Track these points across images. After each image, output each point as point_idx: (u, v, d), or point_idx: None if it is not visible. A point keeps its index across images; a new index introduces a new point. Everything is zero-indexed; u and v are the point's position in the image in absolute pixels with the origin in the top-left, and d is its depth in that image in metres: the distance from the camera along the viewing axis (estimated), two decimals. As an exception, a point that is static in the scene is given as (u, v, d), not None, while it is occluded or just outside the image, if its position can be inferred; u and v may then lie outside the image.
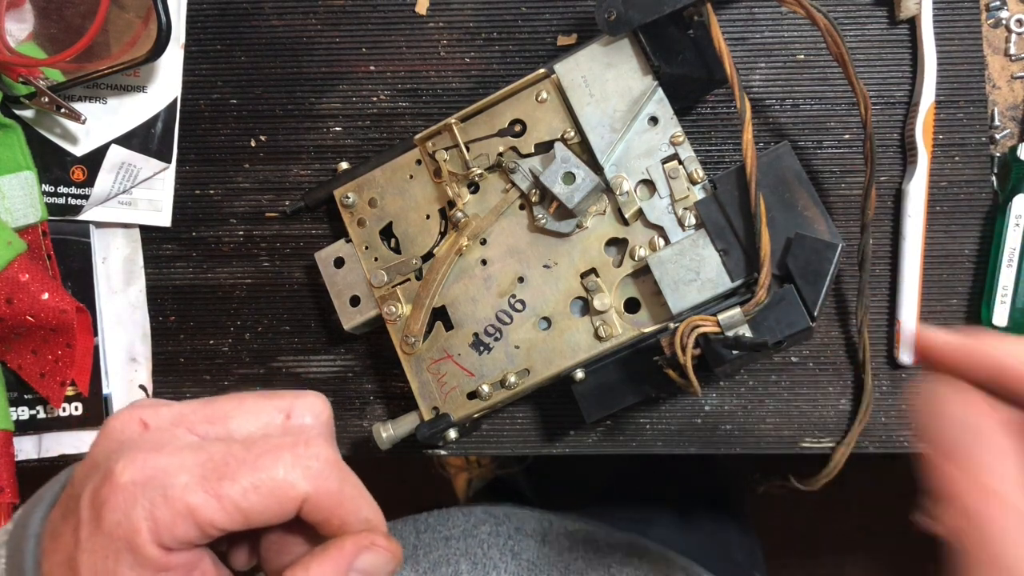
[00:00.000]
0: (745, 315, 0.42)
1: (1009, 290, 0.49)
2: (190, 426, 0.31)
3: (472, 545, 0.54)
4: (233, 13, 0.54)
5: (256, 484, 0.29)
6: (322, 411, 0.33)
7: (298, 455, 0.29)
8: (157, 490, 0.28)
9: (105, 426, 0.31)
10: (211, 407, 0.32)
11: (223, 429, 0.31)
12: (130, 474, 0.29)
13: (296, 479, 0.29)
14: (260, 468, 0.29)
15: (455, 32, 0.53)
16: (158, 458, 0.29)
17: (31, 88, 0.50)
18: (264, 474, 0.29)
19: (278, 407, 0.32)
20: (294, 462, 0.29)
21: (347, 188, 0.50)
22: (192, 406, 0.32)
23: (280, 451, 0.29)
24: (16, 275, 0.49)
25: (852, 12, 0.51)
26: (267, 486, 0.29)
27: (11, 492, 0.51)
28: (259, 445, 0.30)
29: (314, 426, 0.32)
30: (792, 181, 0.44)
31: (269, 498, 0.29)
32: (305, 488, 0.29)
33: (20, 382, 0.52)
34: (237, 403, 0.32)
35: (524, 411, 0.53)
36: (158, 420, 0.31)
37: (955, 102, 0.51)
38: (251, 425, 0.31)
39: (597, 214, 0.47)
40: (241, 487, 0.28)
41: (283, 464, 0.29)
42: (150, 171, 0.53)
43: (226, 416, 0.31)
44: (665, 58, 0.45)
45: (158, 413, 0.31)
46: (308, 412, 0.32)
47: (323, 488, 0.30)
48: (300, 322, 0.54)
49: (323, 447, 0.30)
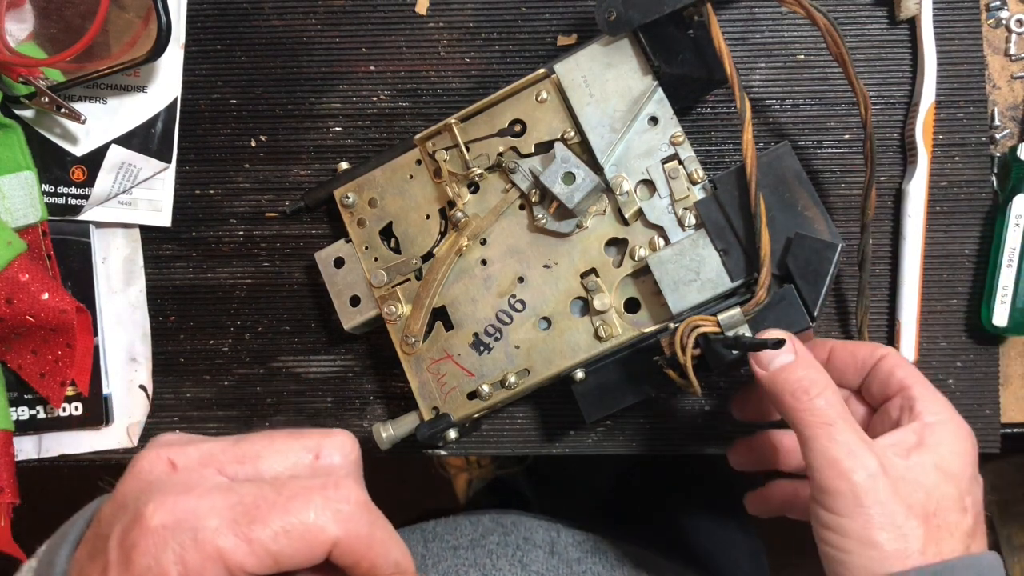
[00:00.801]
0: (745, 315, 0.42)
1: (1009, 290, 0.49)
2: (219, 466, 0.31)
3: (481, 555, 0.54)
4: (233, 13, 0.54)
5: (287, 528, 0.28)
6: (351, 450, 0.32)
7: (328, 498, 0.29)
8: (187, 533, 0.28)
9: (133, 465, 0.31)
10: (240, 447, 0.31)
11: (252, 469, 0.31)
12: (160, 517, 0.28)
13: (326, 522, 0.29)
14: (290, 511, 0.29)
15: (455, 32, 0.53)
16: (188, 500, 0.29)
17: (31, 88, 0.50)
18: (294, 518, 0.29)
19: (307, 447, 0.32)
20: (324, 505, 0.29)
21: (347, 188, 0.50)
22: (221, 445, 0.32)
23: (310, 493, 0.29)
24: (16, 275, 0.49)
25: (852, 12, 0.51)
26: (297, 530, 0.28)
27: (11, 492, 0.51)
28: (289, 487, 0.29)
29: (343, 466, 0.32)
30: (792, 181, 0.44)
31: (299, 542, 0.29)
32: (335, 532, 0.29)
33: (20, 382, 0.52)
34: (267, 442, 0.32)
35: (524, 411, 0.53)
36: (187, 460, 0.31)
37: (955, 102, 0.51)
38: (280, 465, 0.31)
39: (597, 214, 0.47)
40: (272, 531, 0.28)
41: (313, 507, 0.29)
42: (150, 171, 0.53)
43: (256, 456, 0.31)
44: (665, 58, 0.45)
45: (186, 452, 0.31)
46: (337, 452, 0.32)
47: (353, 531, 0.29)
48: (300, 322, 0.54)
49: (353, 489, 0.30)
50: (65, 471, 0.55)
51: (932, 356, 0.51)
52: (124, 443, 0.54)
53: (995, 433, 0.51)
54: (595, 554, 0.56)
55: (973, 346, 0.51)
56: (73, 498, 0.40)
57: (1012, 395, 0.51)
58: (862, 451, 0.38)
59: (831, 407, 0.39)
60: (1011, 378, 0.51)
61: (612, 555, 0.56)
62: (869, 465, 0.37)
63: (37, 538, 0.36)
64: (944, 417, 0.40)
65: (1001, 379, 0.51)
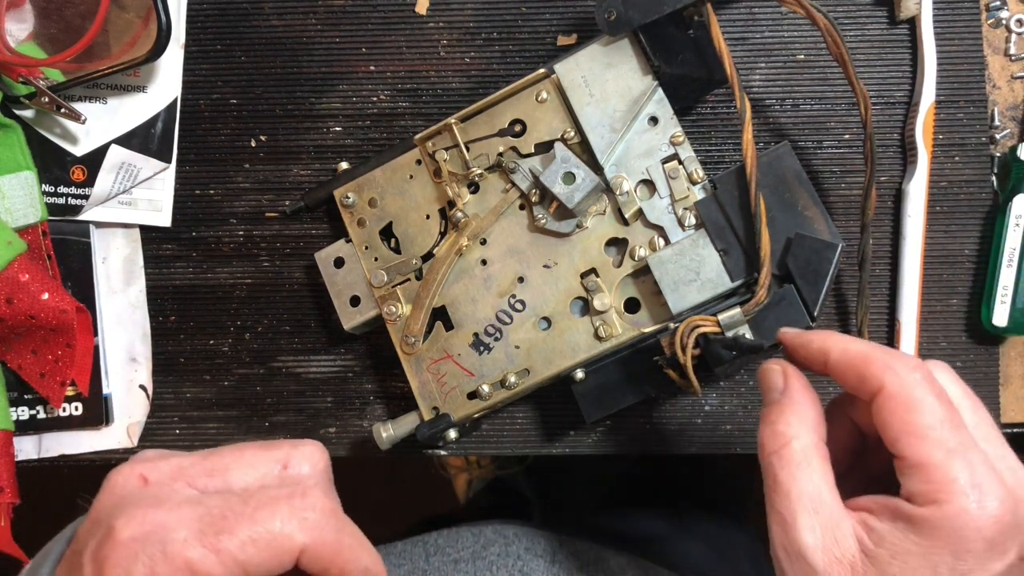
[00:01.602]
0: (745, 315, 0.42)
1: (1009, 290, 0.49)
2: (190, 480, 0.32)
3: (481, 568, 0.54)
4: (233, 13, 0.54)
5: (254, 537, 0.29)
6: (319, 460, 0.33)
7: (294, 506, 0.30)
8: (156, 546, 0.29)
9: (107, 481, 0.32)
10: (210, 460, 0.32)
11: (222, 482, 0.32)
12: (130, 531, 0.29)
13: (293, 531, 0.30)
14: (257, 521, 0.29)
15: (455, 32, 0.53)
16: (157, 513, 0.29)
17: (31, 88, 0.50)
18: (261, 527, 0.29)
19: (275, 458, 0.33)
20: (290, 513, 0.30)
21: (347, 188, 0.50)
22: (192, 459, 0.32)
23: (277, 503, 0.30)
24: (16, 275, 0.49)
25: (852, 12, 0.51)
26: (264, 539, 0.29)
27: (11, 492, 0.51)
28: (256, 497, 0.30)
29: (311, 475, 0.33)
30: (792, 181, 0.44)
31: (267, 551, 0.29)
32: (302, 539, 0.30)
33: (20, 382, 0.52)
34: (236, 455, 0.33)
35: (524, 411, 0.53)
36: (158, 474, 0.32)
37: (955, 102, 0.51)
38: (249, 477, 0.32)
39: (597, 214, 0.47)
40: (239, 540, 0.29)
41: (279, 516, 0.30)
42: (150, 171, 0.53)
43: (226, 468, 0.32)
44: (665, 58, 0.45)
45: (158, 467, 0.32)
46: (305, 461, 0.33)
47: (320, 539, 0.30)
48: (300, 322, 0.54)
49: (319, 498, 0.31)
50: (65, 471, 0.55)
51: (932, 356, 0.51)
52: (124, 443, 0.54)
53: (995, 433, 0.51)
54: (596, 563, 0.56)
55: (973, 346, 0.51)
56: (73, 498, 0.40)
57: (1012, 395, 0.51)
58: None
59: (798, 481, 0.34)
60: (1011, 378, 0.51)
61: (613, 564, 0.56)
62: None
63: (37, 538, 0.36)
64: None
65: (1001, 379, 0.51)
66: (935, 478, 0.31)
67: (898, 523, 0.32)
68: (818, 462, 0.34)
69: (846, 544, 0.32)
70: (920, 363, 0.34)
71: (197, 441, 0.54)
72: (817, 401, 0.36)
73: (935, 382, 0.34)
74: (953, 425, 0.32)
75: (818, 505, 0.33)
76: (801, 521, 0.33)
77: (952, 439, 0.32)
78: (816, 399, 0.36)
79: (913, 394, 0.33)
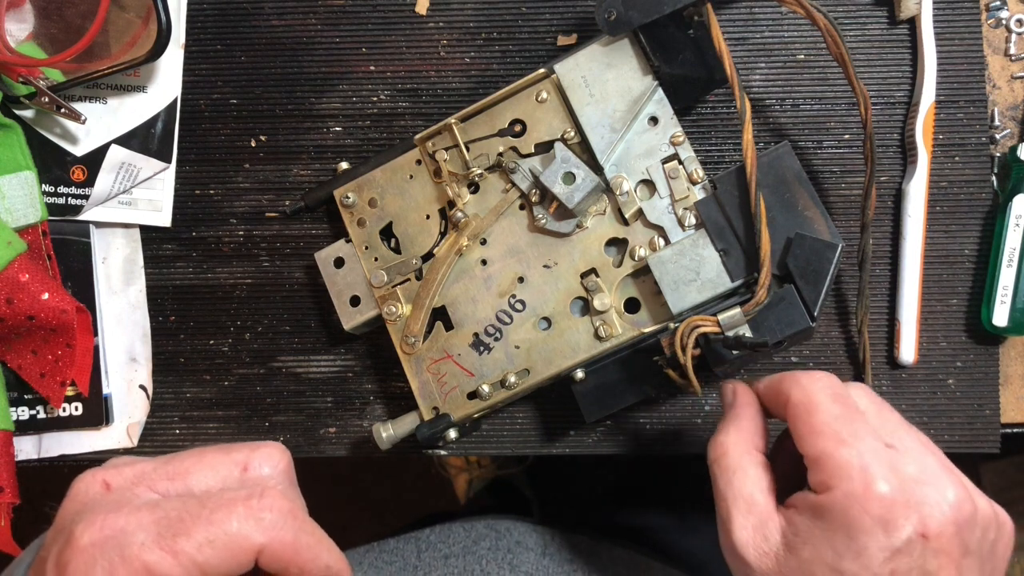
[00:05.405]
0: (745, 315, 0.42)
1: (1009, 290, 0.49)
2: (150, 484, 0.32)
3: (471, 562, 0.54)
4: (233, 13, 0.54)
5: (211, 539, 0.30)
6: (279, 461, 0.34)
7: (251, 507, 0.30)
8: (115, 550, 0.29)
9: (71, 489, 0.33)
10: (171, 464, 0.33)
11: (183, 485, 0.32)
12: (89, 536, 0.30)
13: (250, 531, 0.30)
14: (214, 523, 0.30)
15: (455, 32, 0.53)
16: (116, 518, 0.30)
17: (31, 88, 0.50)
18: (218, 528, 0.30)
19: (235, 460, 0.33)
20: (247, 514, 0.30)
21: (347, 188, 0.50)
22: (154, 464, 0.33)
23: (234, 505, 0.30)
24: (16, 275, 0.49)
25: (852, 12, 0.51)
26: (221, 540, 0.30)
27: (11, 492, 0.51)
28: (214, 500, 0.31)
29: (271, 476, 0.33)
30: (792, 181, 0.44)
31: (224, 552, 0.30)
32: (260, 540, 0.30)
33: (20, 382, 0.52)
34: (196, 459, 0.33)
35: (524, 411, 0.53)
36: (120, 480, 0.32)
37: (955, 102, 0.51)
38: (210, 480, 0.33)
39: (597, 214, 0.47)
40: (196, 542, 0.29)
41: (236, 517, 0.30)
42: (150, 171, 0.53)
43: (186, 472, 0.33)
44: (665, 58, 0.45)
45: (120, 473, 0.32)
46: (266, 463, 0.33)
47: (277, 539, 0.30)
48: (300, 322, 0.54)
49: (277, 498, 0.31)
50: (65, 471, 0.55)
51: (932, 356, 0.51)
52: (124, 443, 0.54)
53: (995, 433, 0.51)
54: (588, 556, 0.56)
55: (973, 346, 0.51)
56: (73, 498, 0.40)
57: (1012, 395, 0.51)
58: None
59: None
60: (1011, 378, 0.51)
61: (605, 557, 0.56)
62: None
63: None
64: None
65: (1001, 379, 0.51)
66: (828, 467, 0.35)
67: (807, 513, 0.36)
68: (753, 468, 0.38)
69: (773, 539, 0.36)
70: (826, 375, 0.38)
71: (197, 441, 0.54)
72: (759, 415, 0.40)
73: (837, 388, 0.37)
74: (847, 420, 0.36)
75: (751, 506, 0.37)
76: (736, 521, 0.37)
77: (844, 431, 0.35)
78: (758, 413, 0.40)
79: (813, 398, 0.37)
